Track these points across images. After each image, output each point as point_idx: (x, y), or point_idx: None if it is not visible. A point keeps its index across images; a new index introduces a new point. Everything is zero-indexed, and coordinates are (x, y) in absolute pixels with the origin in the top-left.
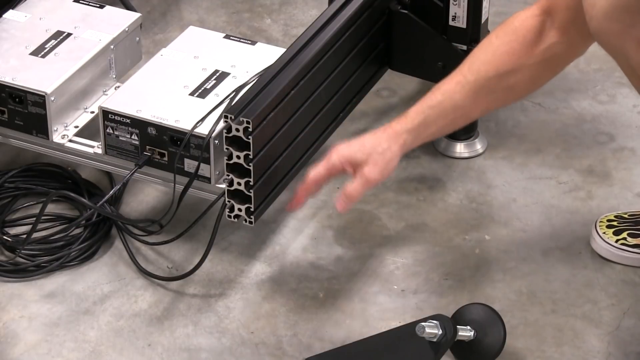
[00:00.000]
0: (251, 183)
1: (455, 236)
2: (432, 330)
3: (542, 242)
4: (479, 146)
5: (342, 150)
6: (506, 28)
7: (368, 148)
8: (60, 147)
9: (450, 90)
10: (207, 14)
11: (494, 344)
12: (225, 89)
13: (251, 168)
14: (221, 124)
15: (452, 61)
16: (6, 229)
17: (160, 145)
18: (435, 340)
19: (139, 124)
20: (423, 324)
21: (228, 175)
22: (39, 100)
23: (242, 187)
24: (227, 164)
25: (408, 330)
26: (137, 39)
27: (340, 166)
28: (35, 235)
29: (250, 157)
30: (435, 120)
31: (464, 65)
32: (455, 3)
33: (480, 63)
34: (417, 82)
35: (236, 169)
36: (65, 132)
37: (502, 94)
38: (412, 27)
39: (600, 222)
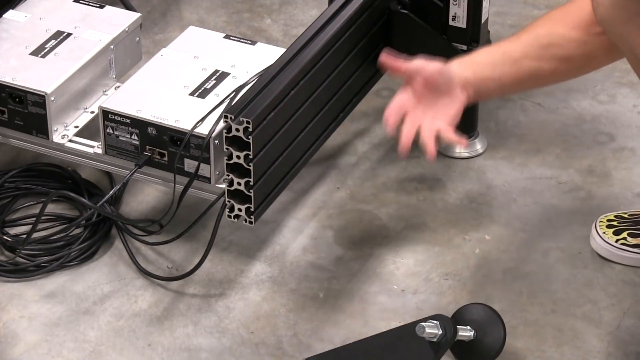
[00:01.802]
0: (251, 183)
1: (455, 236)
2: (432, 330)
3: (542, 242)
4: (479, 146)
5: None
6: (567, 4)
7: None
8: (60, 147)
9: (502, 42)
10: (207, 14)
11: (494, 344)
12: (225, 89)
13: (251, 168)
14: (221, 124)
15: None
16: (6, 229)
17: (160, 145)
18: (435, 340)
19: (139, 124)
20: (423, 324)
21: (228, 175)
22: (39, 100)
23: (242, 187)
24: (227, 164)
25: (408, 330)
26: (137, 39)
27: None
28: (35, 235)
29: (250, 157)
30: (484, 59)
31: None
32: (455, 3)
33: (535, 24)
34: None
35: (236, 169)
36: (65, 132)
37: (553, 60)
38: (412, 27)
39: (600, 222)
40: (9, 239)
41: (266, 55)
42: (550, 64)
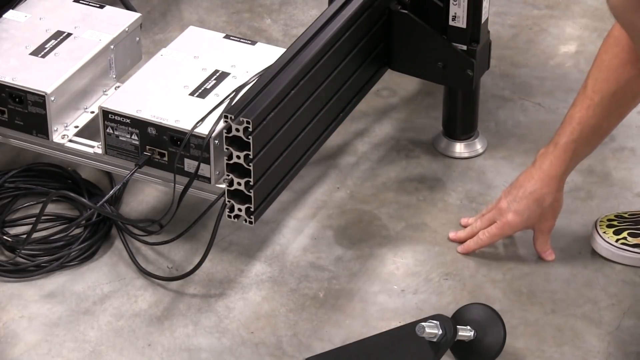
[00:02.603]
0: (251, 183)
1: None
2: (432, 330)
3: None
4: (479, 146)
5: (513, 221)
6: (610, 41)
7: (535, 208)
8: (60, 147)
9: (585, 116)
10: (207, 14)
11: (494, 344)
12: (225, 89)
13: (251, 168)
14: (221, 124)
15: (452, 61)
16: (6, 229)
17: (160, 145)
18: (435, 340)
19: (139, 124)
20: (423, 324)
21: (228, 175)
22: (39, 100)
23: (242, 187)
24: (227, 164)
25: (408, 330)
26: (137, 39)
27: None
28: (35, 235)
29: (250, 157)
30: (583, 150)
31: (586, 88)
32: (455, 3)
33: (601, 82)
34: (417, 82)
35: (236, 169)
36: (65, 132)
37: (632, 101)
38: (412, 27)
39: (601, 221)
40: (9, 239)
41: (266, 55)
42: (629, 109)
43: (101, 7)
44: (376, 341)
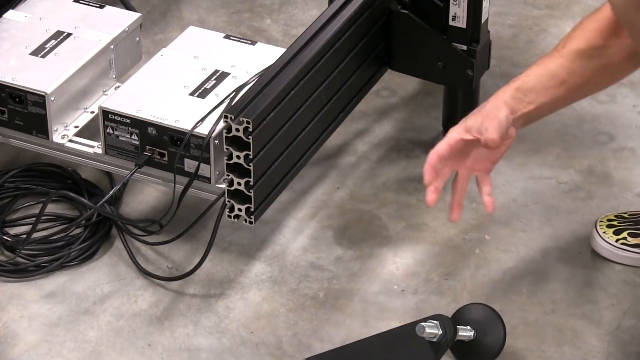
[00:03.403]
0: (251, 183)
1: (455, 236)
2: (432, 330)
3: (542, 242)
4: None
5: (456, 127)
6: (596, 11)
7: (478, 116)
8: (60, 147)
9: (546, 61)
10: (207, 14)
11: (494, 344)
12: (225, 89)
13: (251, 168)
14: (221, 124)
15: (452, 61)
16: (6, 229)
17: (160, 145)
18: (435, 340)
19: (139, 124)
20: (423, 324)
21: (228, 175)
22: (39, 100)
23: (242, 187)
24: (227, 164)
25: (408, 330)
26: (137, 39)
27: (460, 138)
28: (35, 235)
29: (250, 157)
30: (534, 86)
31: (558, 44)
32: (455, 3)
33: (572, 38)
34: (417, 82)
35: (236, 169)
36: (65, 132)
37: (597, 70)
38: (412, 27)
39: (601, 221)
40: (9, 239)
41: (266, 55)
42: (594, 77)
43: (101, 7)
44: (376, 341)
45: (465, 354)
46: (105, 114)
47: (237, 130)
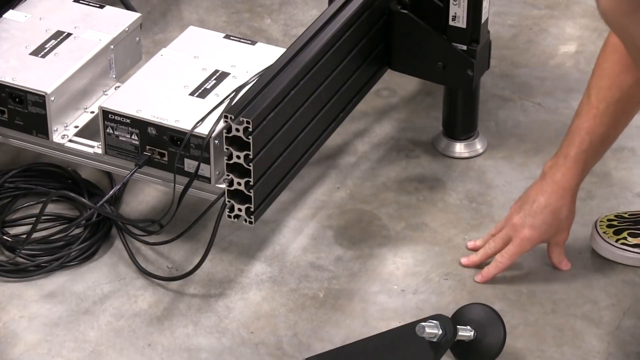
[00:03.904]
0: (251, 183)
1: (455, 236)
2: (432, 330)
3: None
4: (479, 146)
5: (531, 236)
6: (608, 49)
7: (551, 221)
8: (60, 147)
9: (593, 125)
10: (207, 14)
11: (494, 344)
12: (225, 89)
13: (251, 168)
14: (221, 124)
15: (452, 61)
16: (6, 229)
17: (160, 145)
18: (435, 340)
19: (139, 124)
20: (423, 324)
21: (228, 175)
22: (39, 100)
23: (242, 187)
24: (227, 164)
25: (408, 331)
26: (137, 39)
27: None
28: (35, 235)
29: (250, 157)
30: (593, 159)
31: (590, 97)
32: (455, 3)
33: (605, 90)
34: (417, 82)
35: (236, 169)
36: (65, 132)
37: (637, 106)
38: (412, 27)
39: (601, 221)
40: (9, 239)
41: (266, 55)
42: (634, 112)
43: (101, 7)
44: (376, 341)
45: (465, 354)
46: (105, 114)
47: (237, 130)
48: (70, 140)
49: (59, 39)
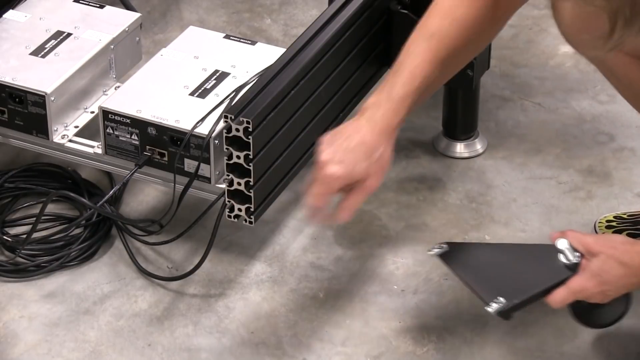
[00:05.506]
0: (251, 183)
1: (455, 236)
2: (570, 255)
3: (542, 242)
4: (479, 146)
5: (336, 172)
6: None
7: (363, 160)
8: (60, 147)
9: (427, 71)
10: (207, 14)
11: (613, 312)
12: (225, 89)
13: (251, 168)
14: (221, 124)
15: None
16: (6, 229)
17: (160, 145)
18: (571, 263)
19: (139, 124)
20: (564, 247)
21: (228, 175)
22: (39, 100)
23: (242, 187)
24: (227, 164)
25: (547, 250)
26: (137, 39)
27: (339, 187)
28: (35, 235)
29: (250, 157)
30: (417, 101)
31: (431, 38)
32: None
33: (450, 39)
34: None
35: (236, 169)
36: (65, 132)
37: (467, 55)
38: (412, 27)
39: (600, 222)
40: (9, 239)
41: (266, 55)
42: (465, 57)
43: (101, 7)
44: (513, 250)
45: (583, 312)
46: (105, 114)
47: (237, 130)
48: (70, 140)
49: (59, 39)
